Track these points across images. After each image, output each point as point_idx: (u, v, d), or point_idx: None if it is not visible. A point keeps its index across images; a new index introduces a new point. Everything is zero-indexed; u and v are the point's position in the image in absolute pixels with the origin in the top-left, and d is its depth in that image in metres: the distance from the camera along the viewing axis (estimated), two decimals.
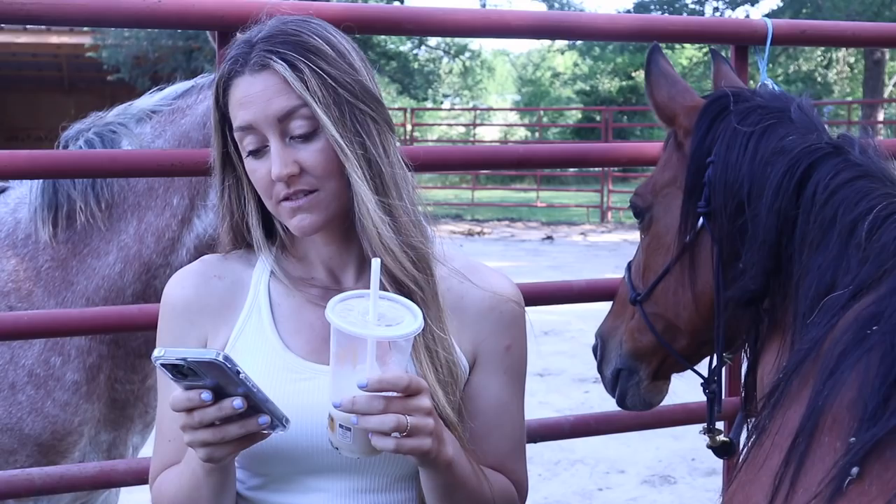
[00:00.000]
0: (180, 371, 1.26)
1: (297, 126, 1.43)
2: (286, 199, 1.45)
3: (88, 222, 2.63)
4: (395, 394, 1.27)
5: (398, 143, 1.55)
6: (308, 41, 1.45)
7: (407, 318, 1.33)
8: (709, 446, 1.99)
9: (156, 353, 1.25)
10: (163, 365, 1.25)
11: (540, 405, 6.89)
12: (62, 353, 2.60)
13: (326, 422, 1.33)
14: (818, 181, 1.54)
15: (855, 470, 1.06)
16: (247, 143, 1.46)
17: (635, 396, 2.10)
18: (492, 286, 1.59)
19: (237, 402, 1.27)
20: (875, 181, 1.51)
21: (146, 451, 2.93)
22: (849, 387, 1.15)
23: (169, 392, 1.50)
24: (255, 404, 1.29)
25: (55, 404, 2.58)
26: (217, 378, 1.26)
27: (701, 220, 1.78)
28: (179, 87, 2.81)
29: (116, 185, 2.65)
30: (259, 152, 1.45)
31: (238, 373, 1.25)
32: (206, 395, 1.27)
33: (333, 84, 1.43)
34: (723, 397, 2.01)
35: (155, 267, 2.63)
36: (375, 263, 1.33)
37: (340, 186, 1.46)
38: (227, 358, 1.24)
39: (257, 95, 1.43)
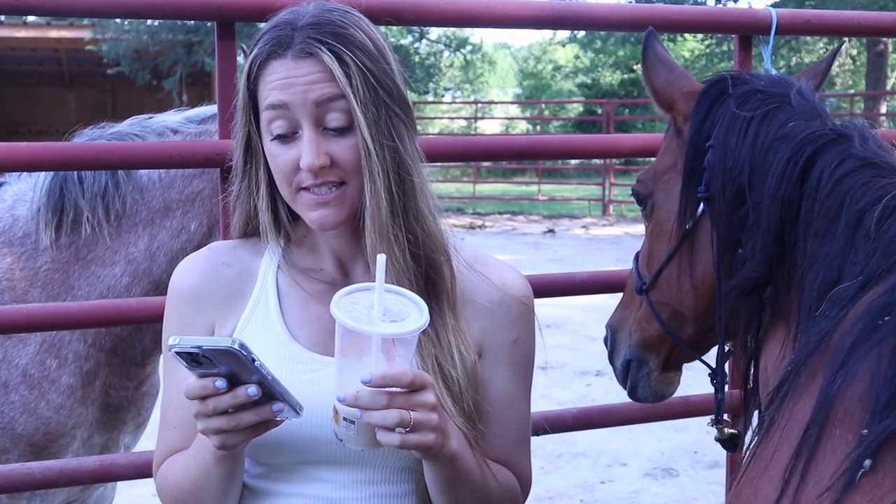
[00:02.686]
0: (195, 359, 1.25)
1: (334, 118, 1.41)
2: (306, 189, 1.43)
3: (94, 231, 2.60)
4: (399, 389, 1.26)
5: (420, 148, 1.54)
6: (355, 35, 1.42)
7: (413, 312, 1.32)
8: (717, 439, 1.97)
9: (171, 340, 1.24)
10: (177, 353, 1.24)
11: (542, 398, 6.88)
12: (59, 357, 2.58)
13: (332, 413, 1.32)
14: (822, 169, 1.51)
15: (868, 462, 1.04)
16: (276, 126, 1.43)
17: (646, 388, 2.08)
18: (501, 279, 1.58)
19: (252, 390, 1.27)
20: (880, 170, 1.48)
21: (139, 447, 2.93)
22: (860, 378, 1.13)
23: (175, 379, 1.50)
24: (270, 391, 1.29)
25: (49, 406, 2.56)
26: (231, 365, 1.25)
27: (701, 205, 1.76)
28: (206, 110, 2.77)
29: (130, 197, 2.62)
30: (287, 138, 1.43)
31: (253, 360, 1.24)
32: (221, 383, 1.26)
33: (375, 84, 1.41)
34: (726, 388, 1.99)
35: (164, 286, 2.61)
36: (381, 259, 1.32)
37: (363, 184, 1.45)
38: (242, 345, 1.23)
39: (298, 80, 1.40)
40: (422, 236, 1.47)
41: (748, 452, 1.34)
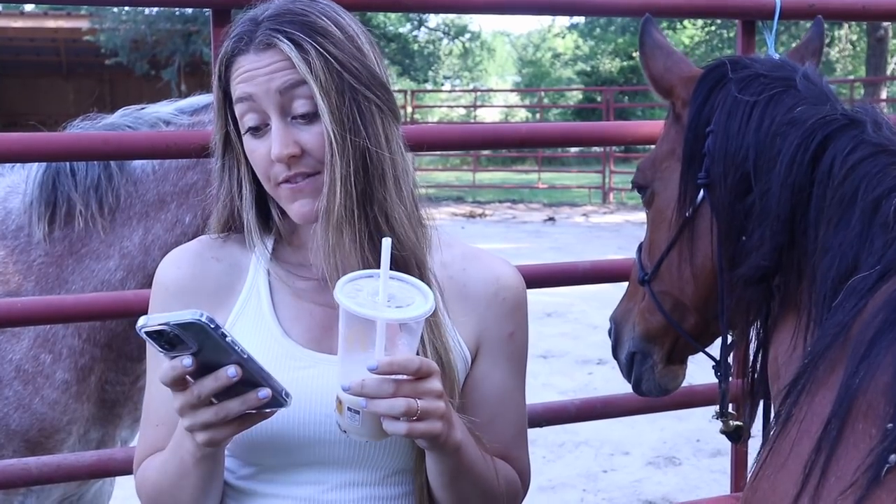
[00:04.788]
0: (167, 340, 1.22)
1: (300, 105, 1.39)
2: (286, 181, 1.41)
3: (88, 224, 2.57)
4: (405, 376, 1.24)
5: (402, 132, 1.50)
6: (316, 22, 1.40)
7: (418, 299, 1.30)
8: (722, 431, 1.95)
9: (140, 321, 1.21)
10: (147, 334, 1.21)
11: (543, 387, 6.87)
12: (53, 352, 2.55)
13: (334, 405, 1.29)
14: (835, 155, 1.47)
15: (893, 458, 1.02)
16: (247, 120, 1.42)
17: (650, 381, 2.04)
18: (495, 274, 1.56)
19: (231, 371, 1.22)
20: (894, 156, 1.44)
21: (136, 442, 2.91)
22: (883, 371, 1.09)
23: (157, 377, 1.47)
24: (251, 376, 1.25)
25: (43, 402, 2.53)
26: (205, 348, 1.22)
27: (701, 192, 1.73)
28: (198, 100, 2.73)
29: (123, 191, 2.59)
30: (259, 130, 1.41)
31: (224, 335, 1.21)
32: (187, 360, 1.22)
33: (339, 68, 1.39)
34: (730, 378, 1.96)
35: None
36: (386, 243, 1.29)
37: None
38: (210, 318, 1.19)
39: (260, 71, 1.39)
40: (385, 230, 1.42)
41: (764, 446, 1.31)
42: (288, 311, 1.50)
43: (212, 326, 1.19)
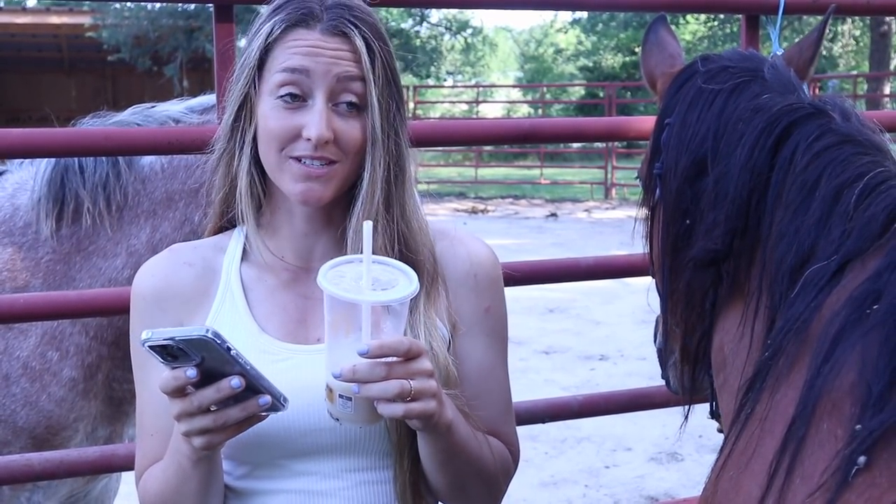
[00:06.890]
0: (170, 353, 1.22)
1: (348, 96, 1.43)
2: (297, 159, 1.42)
3: (95, 222, 2.56)
4: (395, 359, 1.25)
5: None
6: (379, 27, 1.47)
7: (402, 280, 1.30)
8: (719, 430, 1.94)
9: (143, 335, 1.21)
10: (151, 347, 1.21)
11: (545, 383, 6.87)
12: (60, 349, 2.54)
13: (318, 394, 1.30)
14: (798, 142, 1.44)
15: (862, 459, 0.99)
16: (286, 88, 1.42)
17: (673, 378, 2.04)
18: (467, 250, 1.58)
19: (235, 382, 1.23)
20: (862, 147, 1.41)
21: None
22: (848, 369, 1.07)
23: (147, 388, 1.49)
24: (251, 383, 1.25)
25: (50, 399, 2.53)
26: (208, 359, 1.22)
27: (658, 183, 1.73)
28: (208, 99, 2.72)
29: (131, 188, 2.58)
30: (294, 99, 1.42)
31: (229, 349, 1.21)
32: (191, 372, 1.22)
33: (391, 77, 1.46)
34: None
35: None
36: (367, 227, 1.30)
37: (354, 169, 1.46)
38: (216, 334, 1.19)
39: (327, 52, 1.42)
40: (405, 232, 1.49)
41: (724, 444, 1.29)
42: (263, 307, 1.52)
43: (218, 342, 1.19)
